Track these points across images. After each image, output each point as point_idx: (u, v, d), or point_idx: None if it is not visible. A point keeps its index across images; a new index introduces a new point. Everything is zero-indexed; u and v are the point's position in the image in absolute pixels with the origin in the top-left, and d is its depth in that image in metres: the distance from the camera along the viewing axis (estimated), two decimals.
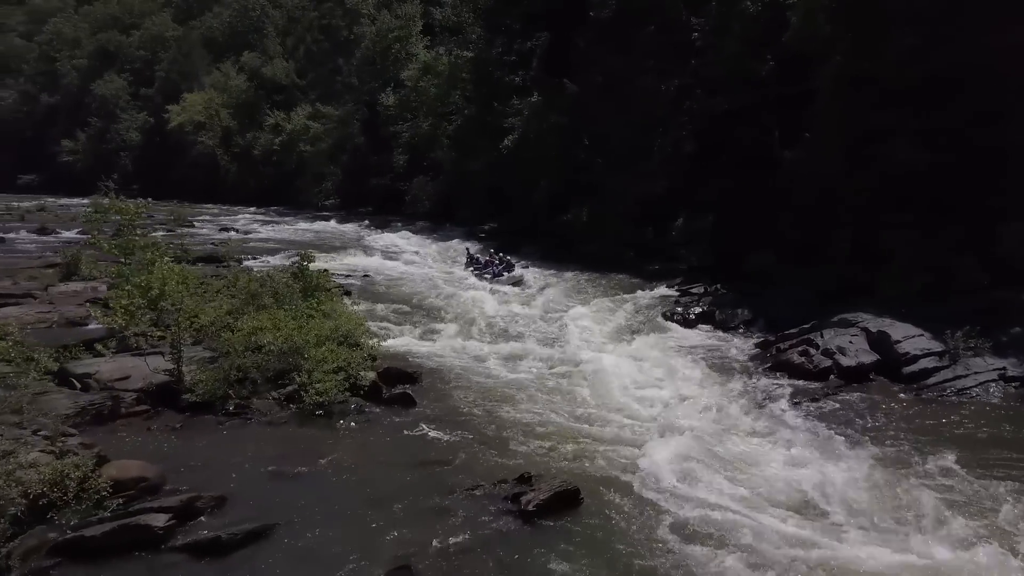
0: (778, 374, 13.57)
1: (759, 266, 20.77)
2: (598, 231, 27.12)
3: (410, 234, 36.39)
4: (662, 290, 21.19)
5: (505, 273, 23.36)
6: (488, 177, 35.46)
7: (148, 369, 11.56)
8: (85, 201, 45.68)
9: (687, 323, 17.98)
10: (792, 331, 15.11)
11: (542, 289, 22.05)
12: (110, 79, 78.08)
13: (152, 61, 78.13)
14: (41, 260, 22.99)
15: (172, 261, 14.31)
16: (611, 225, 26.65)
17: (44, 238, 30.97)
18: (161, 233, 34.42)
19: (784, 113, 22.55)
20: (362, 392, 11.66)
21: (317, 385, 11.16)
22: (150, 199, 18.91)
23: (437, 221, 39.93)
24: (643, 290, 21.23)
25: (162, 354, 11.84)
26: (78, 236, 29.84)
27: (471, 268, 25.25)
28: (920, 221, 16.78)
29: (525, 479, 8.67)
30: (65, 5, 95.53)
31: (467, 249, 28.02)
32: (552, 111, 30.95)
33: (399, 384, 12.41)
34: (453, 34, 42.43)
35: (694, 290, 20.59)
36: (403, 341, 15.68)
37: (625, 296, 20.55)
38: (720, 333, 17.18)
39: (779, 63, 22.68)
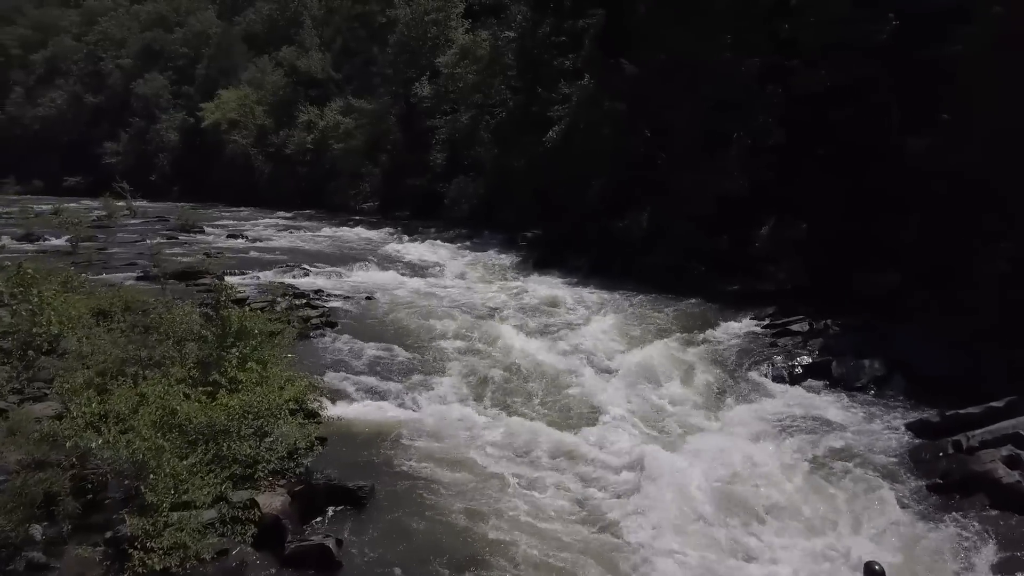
0: (968, 498, 8.07)
1: (876, 289, 16.04)
2: (661, 240, 22.51)
3: (440, 243, 31.55)
4: (748, 323, 15.82)
5: None
6: (532, 176, 30.94)
7: None
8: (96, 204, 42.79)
9: (792, 378, 12.65)
10: (974, 410, 9.53)
11: (588, 321, 16.77)
12: (151, 78, 75.69)
13: (195, 59, 75.44)
14: None
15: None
16: (677, 233, 22.02)
17: (24, 246, 27.20)
18: (158, 240, 31.06)
19: (908, 89, 17.71)
20: (250, 539, 6.79)
21: (166, 533, 6.35)
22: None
23: (476, 227, 35.32)
24: (723, 322, 15.86)
25: None
26: (65, 243, 26.98)
27: None
28: None
29: None
30: (117, 5, 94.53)
31: None
32: (606, 96, 26.65)
33: (328, 507, 7.48)
34: (496, 16, 38.17)
35: (794, 326, 15.09)
36: (374, 407, 10.70)
37: (699, 334, 15.17)
38: (843, 399, 11.64)
39: (905, 22, 17.68)
